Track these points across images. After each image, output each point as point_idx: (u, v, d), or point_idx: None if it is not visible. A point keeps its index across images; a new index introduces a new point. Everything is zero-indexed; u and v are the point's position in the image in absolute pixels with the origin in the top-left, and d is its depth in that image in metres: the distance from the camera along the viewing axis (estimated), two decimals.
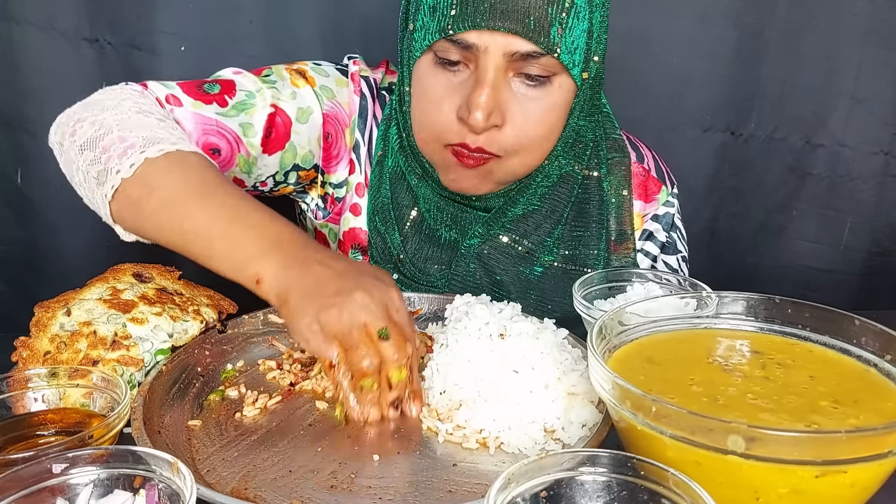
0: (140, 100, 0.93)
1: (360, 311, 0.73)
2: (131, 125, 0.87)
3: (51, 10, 1.45)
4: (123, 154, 0.84)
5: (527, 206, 1.05)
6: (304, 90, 1.04)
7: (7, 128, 1.51)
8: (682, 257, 1.19)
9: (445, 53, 0.92)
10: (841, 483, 0.53)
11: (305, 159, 1.07)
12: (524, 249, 1.06)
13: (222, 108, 0.99)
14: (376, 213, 1.08)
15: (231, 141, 0.99)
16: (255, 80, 1.03)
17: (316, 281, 0.75)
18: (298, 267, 0.77)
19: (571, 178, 1.05)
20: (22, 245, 1.59)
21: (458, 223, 1.06)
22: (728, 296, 0.75)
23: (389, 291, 0.77)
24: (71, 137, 0.89)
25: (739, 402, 0.61)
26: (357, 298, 0.73)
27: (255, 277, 0.77)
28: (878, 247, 1.76)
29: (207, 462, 0.70)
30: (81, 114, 0.91)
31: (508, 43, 0.88)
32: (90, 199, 0.90)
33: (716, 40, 1.62)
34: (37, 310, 0.83)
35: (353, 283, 0.75)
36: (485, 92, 0.89)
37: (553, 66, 0.91)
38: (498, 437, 0.73)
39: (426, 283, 1.07)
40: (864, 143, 1.68)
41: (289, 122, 1.03)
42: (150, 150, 0.84)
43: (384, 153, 1.08)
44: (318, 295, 0.74)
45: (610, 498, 0.55)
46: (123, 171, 0.84)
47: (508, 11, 0.86)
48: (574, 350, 0.80)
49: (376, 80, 1.11)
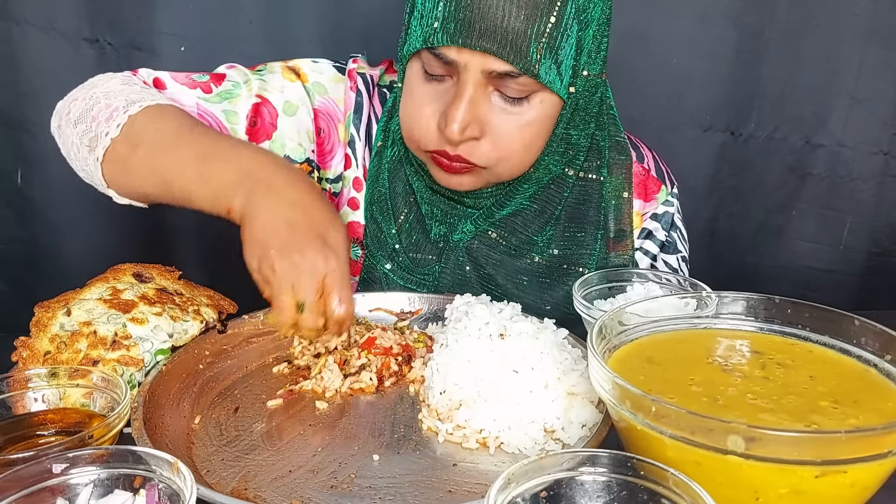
0: (126, 78, 1.00)
1: (287, 278, 0.77)
2: (116, 94, 0.94)
3: (51, 11, 1.45)
4: (110, 117, 0.91)
5: (516, 206, 1.06)
6: (293, 85, 1.07)
7: (7, 128, 1.51)
8: (682, 257, 1.18)
9: (430, 65, 0.93)
10: (841, 483, 0.53)
11: (296, 152, 1.08)
12: (512, 246, 1.07)
13: (206, 94, 1.03)
14: (373, 203, 1.10)
15: (213, 124, 1.02)
16: (246, 72, 1.07)
17: (267, 224, 0.79)
18: (261, 197, 0.81)
19: (562, 180, 1.06)
20: (22, 245, 1.59)
21: (447, 218, 1.08)
22: (728, 296, 0.75)
23: (325, 252, 0.79)
24: (66, 117, 0.95)
25: (739, 402, 0.61)
26: (291, 266, 0.77)
27: (227, 208, 0.82)
28: (878, 247, 1.76)
29: (207, 462, 0.70)
30: (75, 95, 0.98)
31: (486, 62, 0.89)
32: (85, 169, 0.95)
33: (716, 40, 1.62)
34: (37, 310, 0.83)
35: (296, 244, 0.78)
36: (462, 106, 0.90)
37: (532, 84, 0.91)
38: (498, 437, 0.73)
39: (419, 275, 1.09)
40: (864, 144, 1.68)
41: (275, 114, 1.05)
42: (132, 109, 0.90)
43: (384, 144, 1.09)
44: (263, 244, 0.78)
45: (610, 498, 0.55)
46: (112, 132, 0.90)
47: (486, 31, 0.87)
48: (574, 350, 0.80)
49: (373, 77, 1.12)
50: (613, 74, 1.62)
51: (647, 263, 1.16)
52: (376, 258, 1.09)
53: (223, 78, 1.05)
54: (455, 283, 1.07)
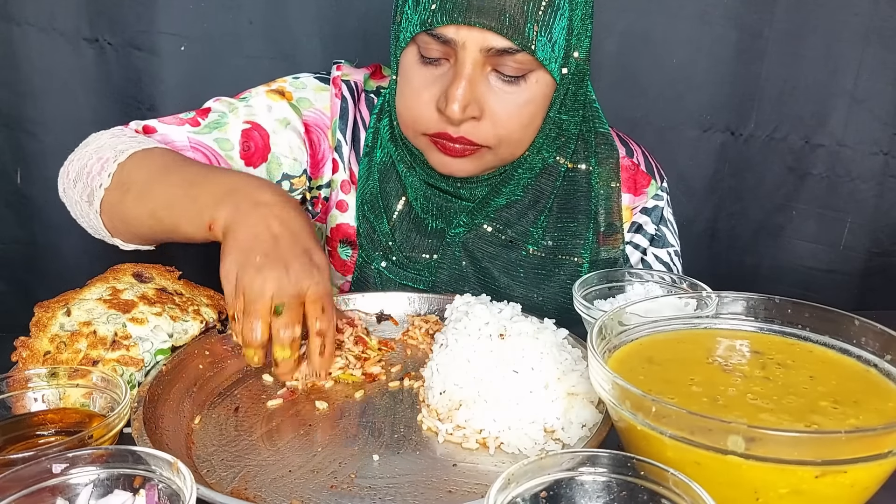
0: (116, 131, 1.03)
1: (271, 282, 0.77)
2: (106, 147, 0.97)
3: (51, 11, 1.45)
4: (101, 170, 0.94)
5: (510, 196, 1.07)
6: (279, 104, 1.09)
7: (7, 128, 1.51)
8: (674, 251, 1.19)
9: (427, 49, 0.95)
10: (841, 483, 0.53)
11: (293, 167, 1.10)
12: (507, 238, 1.08)
13: (195, 127, 1.05)
14: (365, 203, 1.11)
15: (208, 154, 1.04)
16: (231, 101, 1.09)
17: (251, 235, 0.80)
18: (245, 212, 0.82)
19: (554, 169, 1.07)
20: (22, 245, 1.59)
21: (443, 213, 1.08)
22: (728, 296, 0.75)
23: (309, 269, 0.79)
24: (67, 179, 0.99)
25: (739, 402, 0.61)
26: (274, 271, 0.77)
27: (209, 223, 0.83)
28: (878, 247, 1.76)
29: (207, 462, 0.70)
30: (71, 158, 1.01)
31: (485, 39, 0.90)
32: (90, 224, 0.99)
33: (716, 40, 1.62)
34: (37, 310, 0.83)
35: (281, 252, 0.79)
36: (462, 85, 0.92)
37: (529, 62, 0.93)
38: (498, 438, 0.73)
39: (414, 271, 1.09)
40: (864, 144, 1.68)
41: (266, 135, 1.07)
42: (120, 157, 0.93)
43: (373, 145, 1.11)
44: (247, 251, 0.78)
45: (610, 498, 0.55)
46: (104, 182, 0.93)
47: (485, 8, 0.89)
48: (574, 350, 0.80)
49: (358, 82, 1.14)
50: (614, 74, 1.63)
51: (637, 257, 1.17)
52: (371, 257, 1.10)
53: (208, 110, 1.07)
54: (452, 277, 1.08)
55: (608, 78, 1.62)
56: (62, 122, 1.50)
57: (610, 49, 1.62)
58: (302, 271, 0.78)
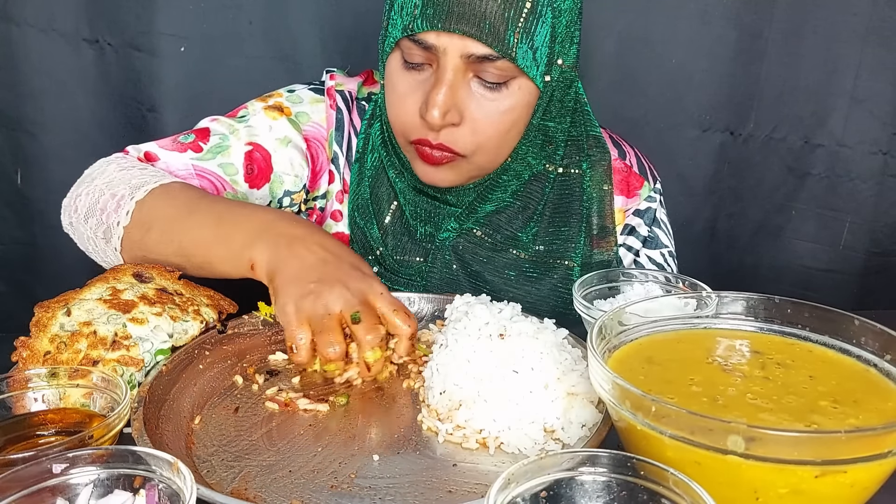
0: (121, 161, 1.02)
1: (337, 301, 0.79)
2: (118, 182, 0.97)
3: (50, 12, 1.45)
4: (118, 207, 0.94)
5: (498, 202, 1.07)
6: (278, 122, 1.09)
7: (7, 128, 1.51)
8: (668, 252, 1.19)
9: (410, 54, 0.95)
10: (841, 483, 0.53)
11: (294, 184, 1.11)
12: (495, 242, 1.08)
13: (197, 153, 1.05)
14: (356, 210, 1.11)
15: (213, 181, 1.04)
16: (230, 122, 1.08)
17: (300, 266, 0.81)
18: (285, 247, 0.84)
19: (543, 176, 1.07)
20: (22, 245, 1.59)
21: (432, 218, 1.09)
22: (728, 296, 0.75)
23: (368, 280, 0.82)
24: (75, 213, 0.99)
25: (739, 402, 0.61)
26: (335, 288, 0.79)
27: (249, 263, 0.85)
28: (878, 247, 1.76)
29: (207, 462, 0.70)
30: (77, 190, 1.01)
31: (465, 45, 0.91)
32: (106, 259, 0.98)
33: (716, 40, 1.62)
34: (37, 310, 0.83)
35: (334, 272, 0.81)
36: (442, 91, 0.92)
37: (510, 69, 0.93)
38: (498, 437, 0.73)
39: (406, 276, 1.09)
40: (864, 143, 1.68)
41: (268, 156, 1.07)
42: (137, 194, 0.94)
43: (364, 151, 1.11)
44: (300, 281, 0.80)
45: (610, 498, 0.55)
46: (122, 220, 0.94)
47: (465, 15, 0.89)
48: (574, 350, 0.80)
49: (351, 91, 1.14)
50: (613, 74, 1.63)
51: (630, 259, 1.17)
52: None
53: (208, 133, 1.07)
54: (443, 282, 1.08)
55: (608, 78, 1.62)
56: (62, 122, 1.50)
57: (609, 49, 1.62)
58: (360, 282, 0.81)
